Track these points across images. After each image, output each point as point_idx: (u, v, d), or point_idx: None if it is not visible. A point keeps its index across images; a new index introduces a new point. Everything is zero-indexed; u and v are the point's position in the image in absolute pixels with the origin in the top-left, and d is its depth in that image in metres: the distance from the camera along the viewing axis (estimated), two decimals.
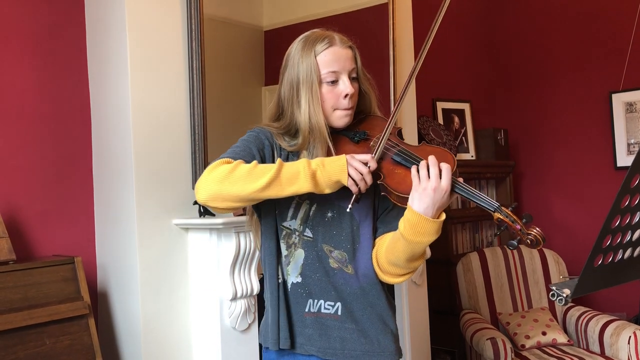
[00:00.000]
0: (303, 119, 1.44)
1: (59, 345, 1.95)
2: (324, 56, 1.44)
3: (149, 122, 2.20)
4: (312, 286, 1.46)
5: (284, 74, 1.50)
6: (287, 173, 1.32)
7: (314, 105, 1.43)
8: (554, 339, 3.20)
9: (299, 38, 1.51)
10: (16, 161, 2.16)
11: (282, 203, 1.46)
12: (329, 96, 1.45)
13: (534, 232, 1.29)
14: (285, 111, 1.49)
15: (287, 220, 1.47)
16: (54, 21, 2.27)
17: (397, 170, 1.40)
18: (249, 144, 1.45)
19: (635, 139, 4.11)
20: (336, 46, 1.46)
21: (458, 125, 4.23)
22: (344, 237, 1.47)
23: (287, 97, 1.48)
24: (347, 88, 1.44)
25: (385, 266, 1.44)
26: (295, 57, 1.47)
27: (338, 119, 1.47)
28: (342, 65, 1.45)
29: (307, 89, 1.43)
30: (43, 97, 2.23)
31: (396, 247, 1.39)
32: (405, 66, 3.22)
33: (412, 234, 1.33)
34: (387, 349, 1.48)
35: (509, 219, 1.31)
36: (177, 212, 2.26)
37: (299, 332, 1.47)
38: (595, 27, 4.28)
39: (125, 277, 2.21)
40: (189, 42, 2.31)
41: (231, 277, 2.20)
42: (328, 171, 1.32)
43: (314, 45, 1.45)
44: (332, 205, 1.47)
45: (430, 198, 1.31)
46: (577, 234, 4.33)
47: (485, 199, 1.34)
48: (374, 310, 1.48)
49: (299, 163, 1.34)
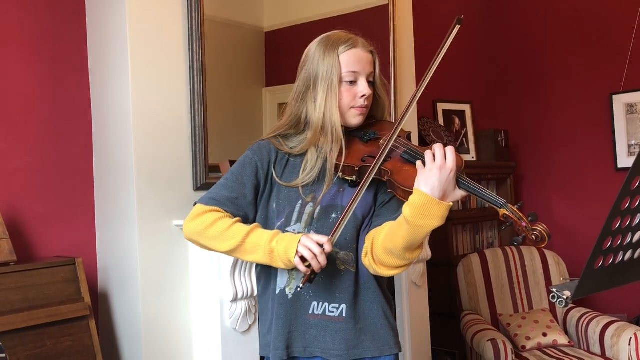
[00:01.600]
0: (317, 114, 1.46)
1: (59, 346, 1.96)
2: (346, 56, 1.47)
3: (149, 123, 2.20)
4: (317, 289, 1.47)
5: (301, 71, 1.52)
6: (250, 243, 1.39)
7: (331, 102, 1.46)
8: (555, 340, 3.20)
9: (321, 37, 1.53)
10: (18, 163, 2.16)
11: (284, 209, 1.48)
12: (346, 94, 1.47)
13: (540, 228, 1.30)
14: (297, 106, 1.51)
15: (292, 224, 1.48)
16: (55, 23, 2.27)
17: (405, 167, 1.42)
18: (242, 172, 1.48)
19: (636, 140, 4.11)
20: (359, 48, 1.49)
21: (459, 127, 4.23)
22: (349, 237, 1.48)
23: (301, 92, 1.50)
24: (365, 89, 1.48)
25: (380, 255, 1.41)
26: (317, 54, 1.49)
27: (352, 117, 1.50)
28: (362, 67, 1.48)
29: (325, 86, 1.46)
30: (44, 99, 2.24)
31: (397, 234, 1.37)
32: (405, 67, 3.22)
33: (417, 217, 1.30)
34: (388, 344, 1.51)
35: (515, 215, 1.32)
36: (178, 213, 2.26)
37: (302, 336, 1.48)
38: (595, 28, 4.28)
39: (126, 278, 2.21)
40: (190, 43, 2.32)
41: (232, 278, 2.20)
42: (283, 248, 1.35)
43: (338, 45, 1.48)
44: (335, 207, 1.47)
45: (437, 177, 1.30)
46: (577, 235, 4.33)
47: (491, 195, 1.34)
48: (375, 306, 1.50)
49: (264, 235, 1.38)
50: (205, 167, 2.32)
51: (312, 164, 1.47)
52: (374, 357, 1.50)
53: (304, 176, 1.47)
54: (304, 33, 2.91)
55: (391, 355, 1.52)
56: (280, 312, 1.48)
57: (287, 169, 1.51)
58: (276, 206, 1.49)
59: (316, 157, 1.47)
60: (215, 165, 2.35)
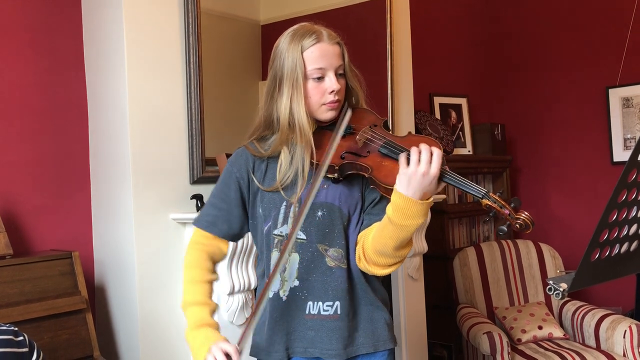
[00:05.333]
0: (283, 113, 1.43)
1: (56, 339, 1.96)
2: (310, 52, 1.42)
3: (146, 116, 2.20)
4: (310, 288, 1.46)
5: (270, 68, 1.49)
6: (186, 312, 1.47)
7: (297, 101, 1.42)
8: (550, 333, 3.21)
9: (287, 31, 1.48)
10: (13, 156, 2.15)
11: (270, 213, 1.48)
12: (314, 92, 1.43)
13: (523, 216, 1.30)
14: (267, 105, 1.48)
15: (279, 227, 1.47)
16: (51, 15, 2.26)
17: (384, 162, 1.40)
18: (226, 188, 1.51)
19: (632, 134, 4.12)
20: (323, 42, 1.43)
21: (455, 120, 4.23)
22: (337, 233, 1.46)
23: (269, 90, 1.47)
24: (332, 85, 1.43)
25: (372, 257, 1.41)
26: (282, 51, 1.45)
27: (324, 113, 1.46)
28: (328, 62, 1.43)
29: (290, 84, 1.42)
30: (40, 92, 2.23)
31: (383, 234, 1.37)
32: (402, 60, 3.22)
33: (400, 217, 1.31)
34: (382, 339, 1.50)
35: (497, 204, 1.31)
36: (175, 206, 2.26)
37: (302, 336, 1.47)
38: (592, 21, 4.29)
39: (122, 271, 2.21)
40: (186, 36, 2.31)
41: (229, 271, 2.20)
42: (197, 345, 1.39)
43: (301, 40, 1.43)
44: (320, 204, 1.46)
45: (419, 183, 1.29)
46: (573, 228, 4.34)
47: (473, 186, 1.33)
48: (369, 302, 1.49)
49: (192, 318, 1.45)
50: (201, 161, 2.32)
51: (287, 164, 1.44)
52: (368, 353, 1.49)
53: (280, 178, 1.44)
54: None
55: (386, 351, 1.52)
56: (276, 314, 1.48)
57: (268, 173, 1.48)
58: (262, 211, 1.48)
59: (290, 158, 1.44)
60: (212, 158, 2.35)
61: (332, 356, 1.46)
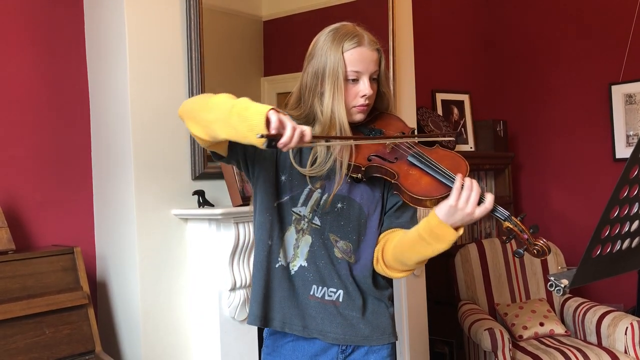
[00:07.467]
0: (325, 111, 1.44)
1: (58, 334, 1.96)
2: (350, 54, 1.44)
3: (147, 112, 2.20)
4: (318, 272, 1.49)
5: (309, 62, 1.50)
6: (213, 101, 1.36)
7: (338, 99, 1.44)
8: (552, 329, 3.21)
9: (328, 29, 1.50)
10: (15, 151, 2.15)
11: (293, 188, 1.49)
12: (347, 93, 1.46)
13: (540, 243, 1.34)
14: (305, 100, 1.49)
15: (298, 206, 1.50)
16: (53, 11, 2.26)
17: (411, 171, 1.43)
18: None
19: (634, 130, 4.11)
20: (364, 47, 1.46)
21: (457, 117, 4.22)
22: (350, 228, 1.50)
23: (310, 86, 1.48)
24: (366, 89, 1.45)
25: (391, 263, 1.48)
26: (324, 48, 1.46)
27: (354, 114, 1.49)
28: (365, 67, 1.45)
29: (332, 82, 1.44)
30: (42, 87, 2.23)
31: (410, 248, 1.43)
32: (404, 56, 3.21)
33: (434, 240, 1.37)
34: (384, 333, 1.53)
35: (517, 228, 1.35)
36: (177, 202, 2.26)
37: (301, 315, 1.50)
38: (595, 18, 4.27)
39: (124, 267, 2.21)
40: (188, 32, 2.31)
41: (230, 267, 2.20)
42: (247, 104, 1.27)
43: (343, 40, 1.45)
44: (342, 197, 1.49)
45: (461, 218, 1.34)
46: (575, 225, 4.34)
47: (499, 209, 1.37)
48: (374, 296, 1.53)
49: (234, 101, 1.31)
50: (203, 156, 2.32)
51: (322, 159, 1.45)
52: (370, 346, 1.52)
53: (312, 169, 1.46)
54: (303, 22, 2.90)
55: (388, 344, 1.54)
56: (282, 285, 1.49)
57: (303, 155, 1.49)
58: (285, 179, 1.49)
59: (326, 154, 1.45)
60: None
61: (331, 339, 1.49)
